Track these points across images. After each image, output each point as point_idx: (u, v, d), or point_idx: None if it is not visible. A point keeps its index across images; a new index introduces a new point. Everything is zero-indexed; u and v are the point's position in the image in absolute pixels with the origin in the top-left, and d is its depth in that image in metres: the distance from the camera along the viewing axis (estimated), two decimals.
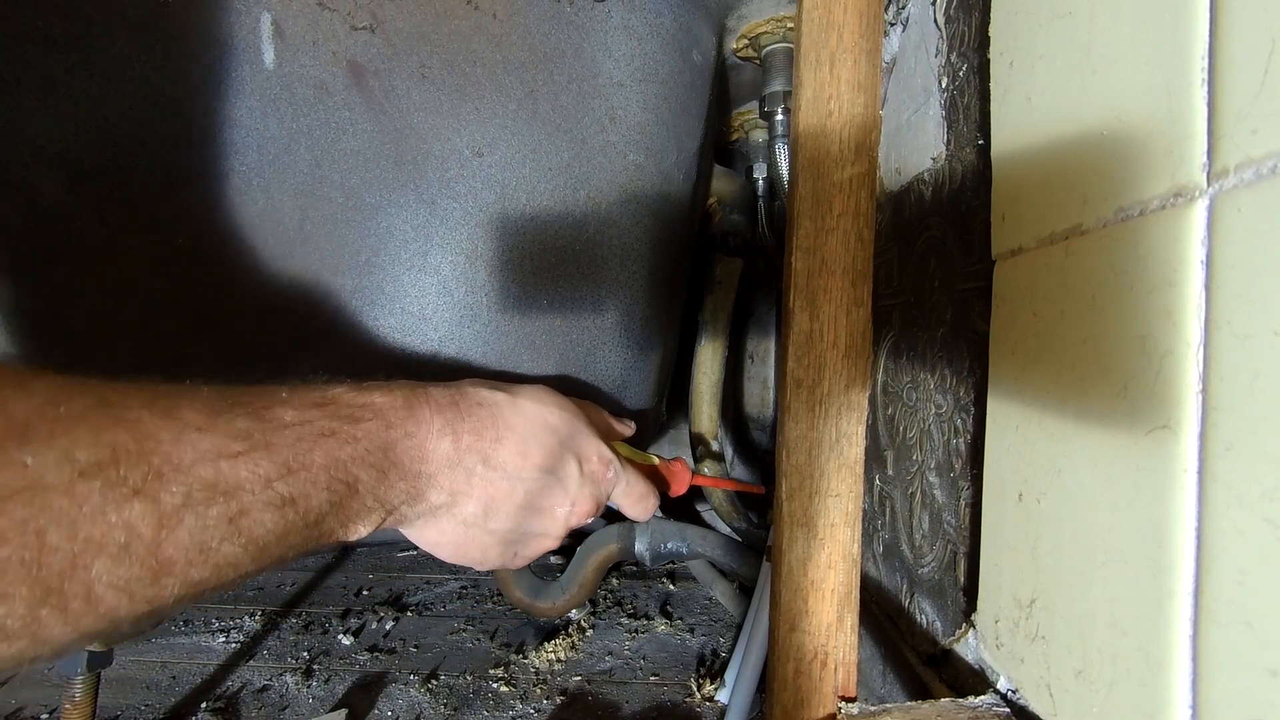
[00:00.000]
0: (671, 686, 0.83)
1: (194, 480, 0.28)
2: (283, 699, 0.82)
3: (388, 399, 0.38)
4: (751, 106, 0.88)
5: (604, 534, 0.91)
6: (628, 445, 0.55)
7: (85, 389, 0.26)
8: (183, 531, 0.27)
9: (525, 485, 0.43)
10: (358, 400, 0.37)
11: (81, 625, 0.25)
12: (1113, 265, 0.26)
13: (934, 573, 0.45)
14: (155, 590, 0.27)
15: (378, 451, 0.36)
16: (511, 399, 0.43)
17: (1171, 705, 0.23)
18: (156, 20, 0.46)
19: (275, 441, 0.31)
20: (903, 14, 0.51)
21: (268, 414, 0.32)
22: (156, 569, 0.26)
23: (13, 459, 0.23)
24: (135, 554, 0.26)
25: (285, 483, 0.31)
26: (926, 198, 0.47)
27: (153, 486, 0.26)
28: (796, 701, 0.46)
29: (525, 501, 0.43)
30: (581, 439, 0.46)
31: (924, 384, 0.47)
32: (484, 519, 0.42)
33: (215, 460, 0.29)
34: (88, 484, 0.24)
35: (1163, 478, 0.23)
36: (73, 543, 0.24)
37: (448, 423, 0.40)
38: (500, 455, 0.42)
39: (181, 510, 0.27)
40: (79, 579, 0.24)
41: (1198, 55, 0.22)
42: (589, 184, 0.54)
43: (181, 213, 0.49)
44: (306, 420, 0.33)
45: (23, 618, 0.23)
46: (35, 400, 0.24)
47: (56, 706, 0.78)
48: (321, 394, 0.36)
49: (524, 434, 0.43)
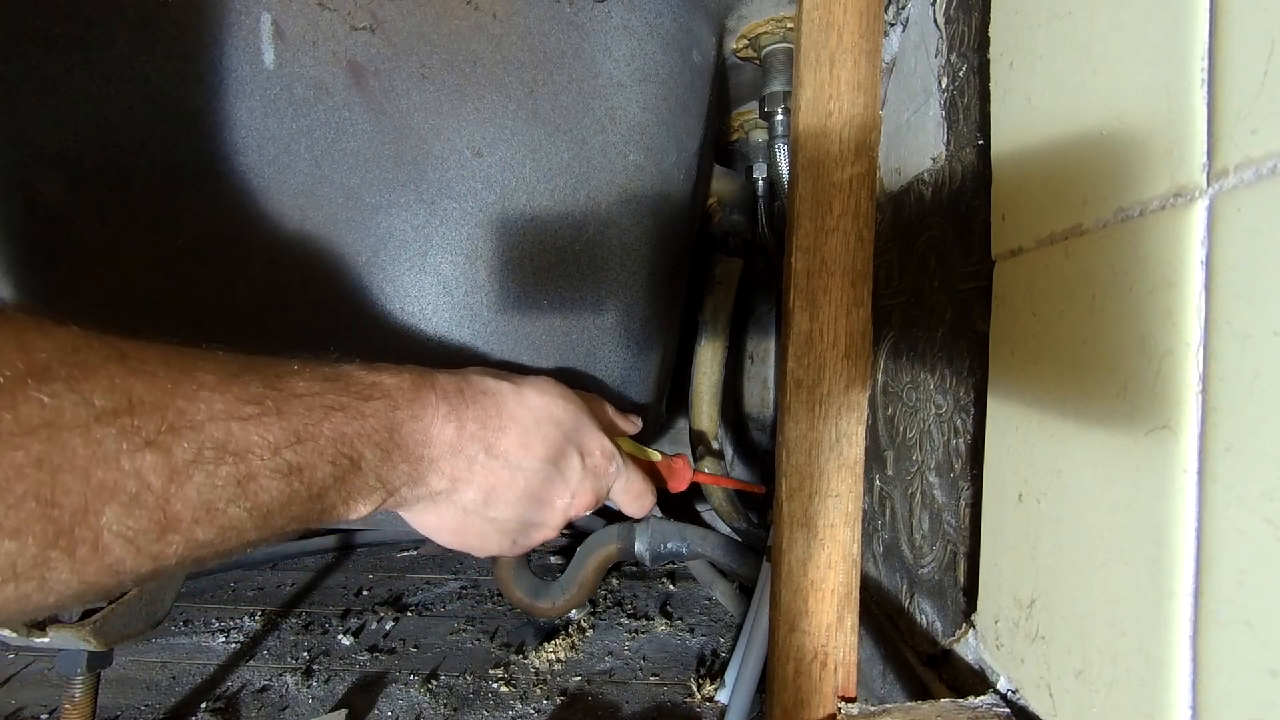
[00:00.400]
0: (671, 687, 0.83)
1: (205, 438, 0.28)
2: (283, 699, 0.82)
3: (396, 380, 0.38)
4: (751, 107, 0.88)
5: (604, 534, 0.91)
6: (631, 441, 0.55)
7: (105, 341, 0.27)
8: (191, 488, 0.27)
9: (526, 475, 0.43)
10: (367, 379, 0.37)
11: (86, 573, 0.25)
12: (1113, 265, 0.26)
13: (934, 573, 0.45)
14: (160, 546, 0.27)
15: (383, 430, 0.36)
16: (516, 389, 0.44)
17: (1171, 705, 0.23)
18: (156, 20, 0.46)
19: (286, 409, 0.32)
20: (903, 14, 0.51)
21: (280, 382, 0.32)
22: (164, 523, 0.27)
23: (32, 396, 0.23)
24: (145, 505, 0.26)
25: (293, 451, 0.31)
26: (926, 198, 0.47)
27: (166, 439, 0.27)
28: (796, 702, 0.46)
29: (525, 491, 0.43)
30: (585, 432, 0.46)
31: (924, 384, 0.47)
32: (484, 507, 0.42)
33: (227, 420, 0.29)
34: (103, 428, 0.25)
35: (1163, 478, 0.23)
36: (86, 486, 0.24)
37: (453, 409, 0.40)
38: (503, 444, 0.42)
39: (192, 466, 0.27)
40: (89, 524, 0.24)
41: (1198, 55, 0.22)
42: (589, 184, 0.54)
43: (182, 213, 0.49)
44: (317, 392, 0.34)
45: (33, 557, 0.23)
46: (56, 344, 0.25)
47: (56, 706, 0.78)
48: (333, 369, 0.36)
49: (527, 424, 0.43)
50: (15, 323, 0.24)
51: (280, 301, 0.51)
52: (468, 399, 0.41)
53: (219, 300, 0.52)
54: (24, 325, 0.24)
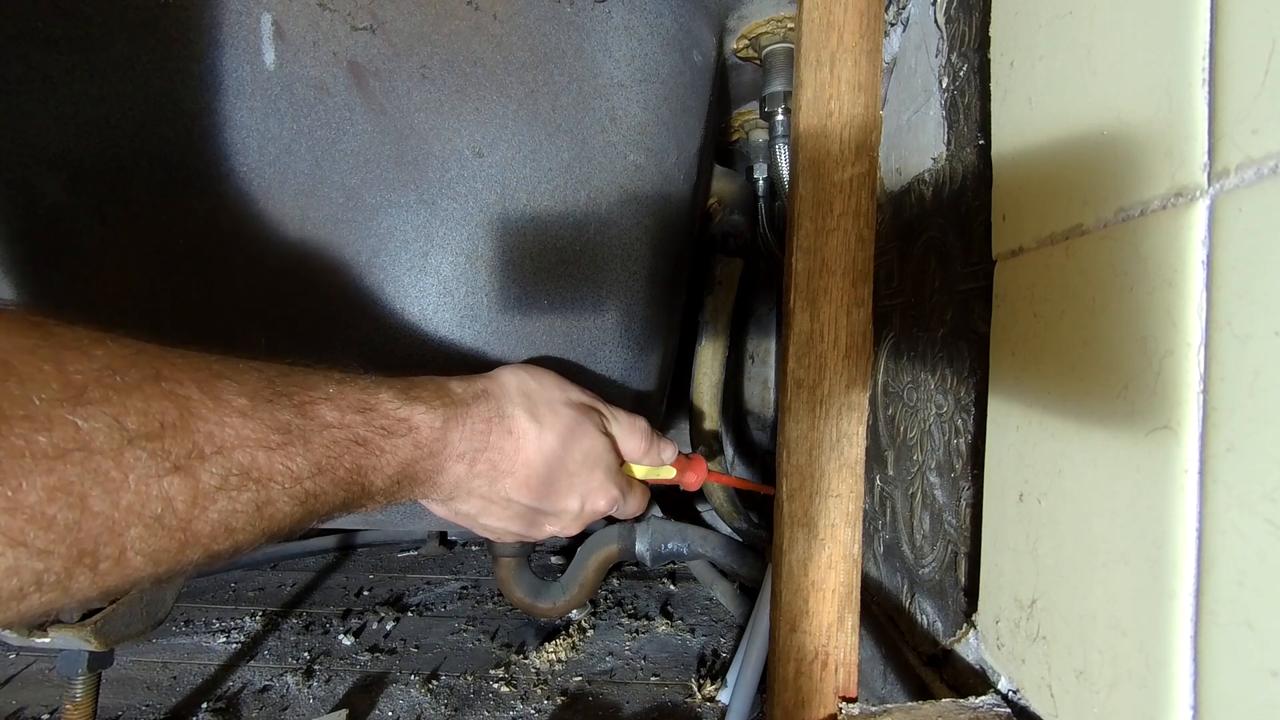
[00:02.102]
0: (672, 687, 0.83)
1: (233, 464, 0.29)
2: (283, 699, 0.82)
3: (428, 418, 0.39)
4: (752, 107, 0.88)
5: (604, 534, 0.91)
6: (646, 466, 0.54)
7: (142, 359, 0.27)
8: (214, 511, 0.28)
9: (520, 508, 0.45)
10: (399, 413, 0.38)
11: (106, 583, 0.26)
12: (1114, 265, 0.26)
13: (935, 573, 0.45)
14: (179, 559, 0.28)
15: (399, 466, 0.38)
16: (540, 433, 0.44)
17: (1172, 706, 0.23)
18: (156, 20, 0.46)
19: (313, 440, 0.33)
20: (903, 14, 0.51)
21: (310, 409, 0.33)
22: (184, 542, 0.28)
23: (67, 419, 0.24)
24: (168, 526, 0.27)
25: (313, 481, 0.33)
26: (927, 198, 0.47)
27: (194, 464, 0.27)
28: (797, 702, 0.46)
29: (517, 516, 0.46)
30: (596, 483, 0.48)
31: (925, 384, 0.47)
32: (477, 515, 0.45)
33: (255, 449, 0.30)
34: (135, 451, 0.25)
35: (1163, 478, 0.23)
36: (114, 509, 0.25)
37: (471, 448, 0.42)
38: (506, 485, 0.44)
39: (217, 492, 0.28)
40: (114, 543, 0.25)
41: (1198, 56, 0.22)
42: (589, 184, 0.54)
43: (182, 214, 0.49)
44: (346, 424, 0.35)
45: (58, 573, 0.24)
46: (94, 365, 0.25)
47: (57, 706, 0.78)
48: (366, 397, 0.37)
49: (537, 469, 0.44)
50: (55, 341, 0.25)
51: (281, 302, 0.51)
52: (491, 441, 0.43)
53: (219, 300, 0.52)
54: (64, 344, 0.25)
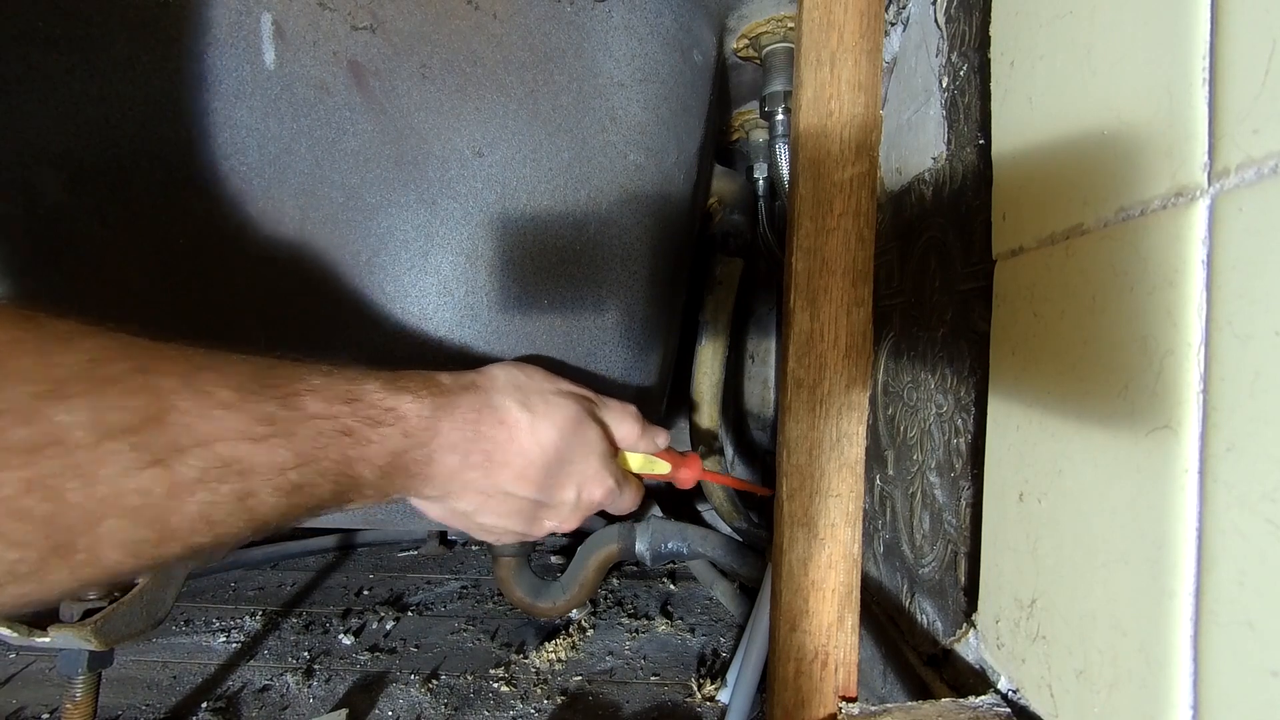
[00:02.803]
0: (672, 686, 0.83)
1: (214, 456, 0.29)
2: (283, 699, 0.82)
3: (415, 406, 0.39)
4: (752, 106, 0.88)
5: (604, 534, 0.91)
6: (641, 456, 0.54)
7: (127, 352, 0.27)
8: (193, 504, 0.28)
9: (518, 502, 0.45)
10: (385, 403, 0.38)
11: (82, 575, 0.26)
12: (1114, 265, 0.26)
13: (935, 573, 0.45)
14: (158, 552, 0.28)
15: (387, 456, 0.37)
16: (533, 422, 0.44)
17: (1173, 706, 0.23)
18: (156, 20, 0.46)
19: (298, 431, 0.32)
20: (903, 14, 0.51)
21: (295, 401, 0.33)
22: (162, 534, 0.27)
23: (46, 413, 0.24)
24: (145, 519, 0.27)
25: (298, 472, 0.32)
26: (927, 197, 0.47)
27: (172, 457, 0.27)
28: (797, 702, 0.46)
29: (515, 511, 0.45)
30: (591, 471, 0.47)
31: (925, 384, 0.47)
32: (474, 513, 0.44)
33: (237, 441, 0.30)
34: (114, 444, 0.25)
35: (1164, 478, 0.23)
36: (90, 501, 0.25)
37: (463, 439, 0.41)
38: (502, 477, 0.43)
39: (196, 484, 0.28)
40: (90, 534, 0.25)
41: (1199, 55, 0.22)
42: (589, 184, 0.54)
43: (182, 213, 0.49)
44: (330, 415, 0.34)
45: (33, 564, 0.24)
46: (79, 358, 0.25)
47: (57, 706, 0.78)
48: (352, 388, 0.37)
49: (533, 459, 0.44)
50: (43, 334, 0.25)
51: (281, 301, 0.51)
52: (482, 431, 0.42)
53: (219, 300, 0.52)
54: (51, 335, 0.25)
